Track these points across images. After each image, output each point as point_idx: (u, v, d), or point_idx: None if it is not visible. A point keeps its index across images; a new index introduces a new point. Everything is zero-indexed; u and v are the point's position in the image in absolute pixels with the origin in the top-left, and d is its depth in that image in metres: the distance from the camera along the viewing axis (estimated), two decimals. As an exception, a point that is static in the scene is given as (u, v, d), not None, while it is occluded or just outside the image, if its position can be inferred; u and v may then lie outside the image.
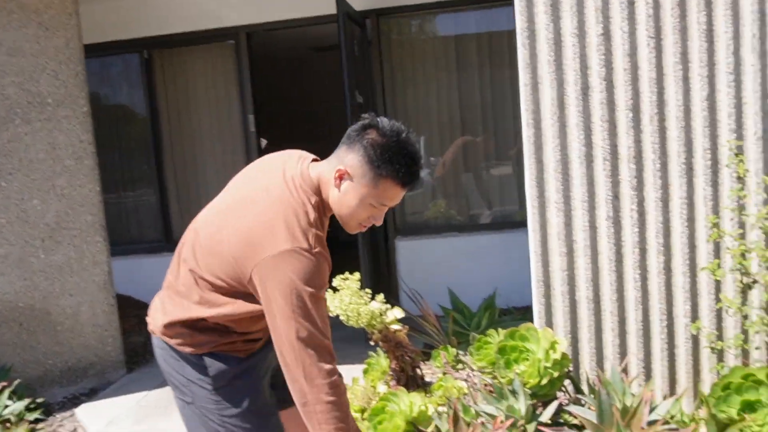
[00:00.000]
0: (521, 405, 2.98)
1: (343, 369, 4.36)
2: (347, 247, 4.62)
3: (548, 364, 3.04)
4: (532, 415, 2.99)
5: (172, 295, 1.97)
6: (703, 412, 2.91)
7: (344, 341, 4.81)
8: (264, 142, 6.49)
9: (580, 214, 3.22)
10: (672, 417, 3.04)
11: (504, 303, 4.73)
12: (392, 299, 5.11)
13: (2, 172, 4.31)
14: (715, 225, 3.07)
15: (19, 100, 4.33)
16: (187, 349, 1.95)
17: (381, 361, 3.69)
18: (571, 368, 3.31)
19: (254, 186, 1.89)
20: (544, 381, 3.03)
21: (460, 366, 3.90)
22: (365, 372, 3.79)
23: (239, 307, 1.89)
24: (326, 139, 4.19)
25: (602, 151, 3.17)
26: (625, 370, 3.31)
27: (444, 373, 3.73)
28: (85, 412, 4.19)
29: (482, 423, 3.01)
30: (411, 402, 2.95)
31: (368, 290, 3.48)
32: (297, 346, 1.73)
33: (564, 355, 3.10)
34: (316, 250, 1.77)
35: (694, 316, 3.21)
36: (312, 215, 1.81)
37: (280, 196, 1.81)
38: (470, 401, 3.27)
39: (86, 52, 4.63)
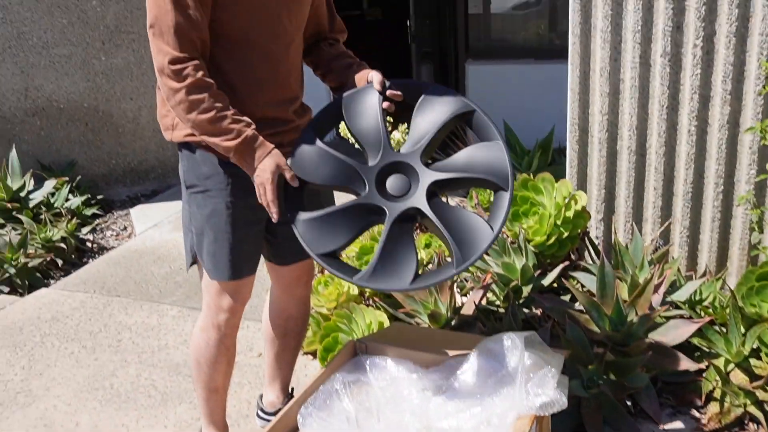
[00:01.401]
0: (520, 263, 2.65)
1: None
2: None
3: (559, 222, 2.64)
4: (531, 278, 2.65)
5: None
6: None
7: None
8: None
9: (630, 48, 2.62)
10: (701, 301, 2.57)
11: (568, 144, 4.19)
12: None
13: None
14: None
15: None
16: (169, 135, 1.86)
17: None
18: (593, 228, 2.88)
19: None
20: (552, 240, 2.65)
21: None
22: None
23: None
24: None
25: (666, -33, 2.50)
26: (666, 238, 2.83)
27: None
28: (138, 212, 4.33)
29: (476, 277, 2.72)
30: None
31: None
32: (150, 33, 1.66)
33: (581, 213, 2.66)
34: None
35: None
36: None
37: None
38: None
39: None
